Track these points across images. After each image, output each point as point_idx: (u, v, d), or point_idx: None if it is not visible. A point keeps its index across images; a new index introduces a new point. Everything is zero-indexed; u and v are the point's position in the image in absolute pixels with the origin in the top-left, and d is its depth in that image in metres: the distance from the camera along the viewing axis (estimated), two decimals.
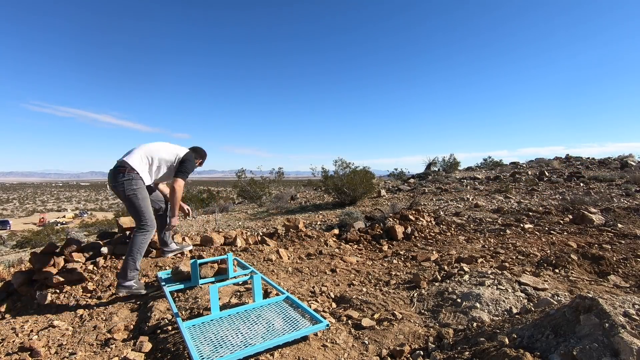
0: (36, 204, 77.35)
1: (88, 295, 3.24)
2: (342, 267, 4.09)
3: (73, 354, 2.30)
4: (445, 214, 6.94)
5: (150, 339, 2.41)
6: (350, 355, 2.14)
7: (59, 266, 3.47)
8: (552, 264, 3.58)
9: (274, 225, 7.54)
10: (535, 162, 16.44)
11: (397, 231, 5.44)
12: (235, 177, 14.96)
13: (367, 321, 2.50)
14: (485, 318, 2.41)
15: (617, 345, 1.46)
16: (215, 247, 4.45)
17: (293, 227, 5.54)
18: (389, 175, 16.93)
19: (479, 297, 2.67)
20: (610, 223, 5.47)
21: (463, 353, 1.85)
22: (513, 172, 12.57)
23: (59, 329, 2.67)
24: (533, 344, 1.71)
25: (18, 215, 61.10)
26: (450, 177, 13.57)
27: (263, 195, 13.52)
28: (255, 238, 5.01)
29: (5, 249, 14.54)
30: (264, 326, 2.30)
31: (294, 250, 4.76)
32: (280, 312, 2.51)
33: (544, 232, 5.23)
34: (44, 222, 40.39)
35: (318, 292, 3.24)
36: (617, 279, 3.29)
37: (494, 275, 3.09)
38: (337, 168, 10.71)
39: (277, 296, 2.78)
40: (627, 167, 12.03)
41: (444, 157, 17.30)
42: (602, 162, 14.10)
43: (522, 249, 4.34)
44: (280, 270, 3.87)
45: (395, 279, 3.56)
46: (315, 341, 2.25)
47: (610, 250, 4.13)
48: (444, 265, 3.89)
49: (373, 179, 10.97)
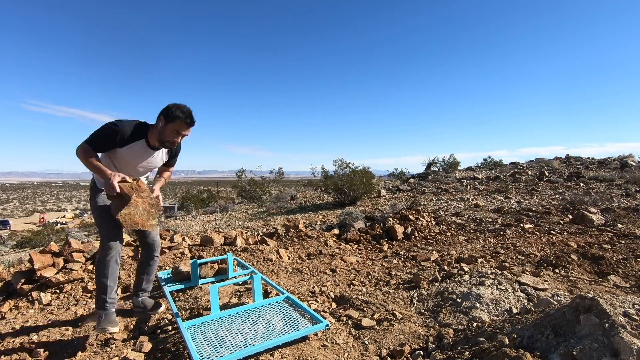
0: (36, 204, 77.38)
1: (88, 295, 3.24)
2: (342, 267, 4.09)
3: (73, 354, 2.30)
4: (445, 214, 6.94)
5: (150, 339, 2.41)
6: (350, 355, 2.14)
7: (59, 266, 3.47)
8: (552, 264, 3.58)
9: (274, 225, 7.54)
10: (535, 162, 16.44)
11: (397, 231, 5.44)
12: (235, 177, 14.97)
13: (367, 321, 2.50)
14: (485, 318, 2.41)
15: (617, 345, 1.46)
16: (215, 247, 4.45)
17: (293, 227, 5.54)
18: (389, 175, 16.94)
19: (479, 297, 2.67)
20: (610, 223, 5.47)
21: (463, 353, 1.85)
22: (513, 172, 12.57)
23: (59, 329, 2.67)
24: (533, 344, 1.71)
25: (18, 215, 61.11)
26: (450, 177, 13.58)
27: (263, 195, 13.52)
28: (255, 238, 5.01)
29: (5, 249, 14.54)
30: (264, 326, 2.30)
31: (294, 250, 4.76)
32: (280, 312, 2.51)
33: (544, 232, 5.22)
34: (44, 222, 40.37)
35: (318, 292, 3.24)
36: (617, 279, 3.29)
37: (494, 275, 3.09)
38: (337, 168, 10.72)
39: (277, 296, 2.79)
40: (627, 167, 12.03)
41: (444, 157, 17.32)
42: (602, 162, 14.10)
43: (522, 249, 4.33)
44: (280, 270, 3.87)
45: (395, 279, 3.56)
46: (315, 341, 2.25)
47: (610, 250, 4.13)
48: (444, 265, 3.89)
49: (373, 179, 10.98)
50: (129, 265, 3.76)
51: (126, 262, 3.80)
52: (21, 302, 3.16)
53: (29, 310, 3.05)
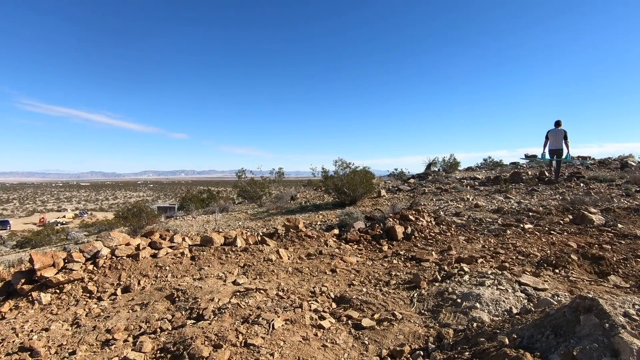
0: (36, 204, 77.36)
1: (88, 295, 3.24)
2: (342, 267, 4.09)
3: (73, 354, 2.30)
4: (445, 214, 6.94)
5: (151, 339, 2.40)
6: (350, 355, 2.14)
7: (59, 266, 3.47)
8: (552, 264, 3.58)
9: (274, 225, 7.53)
10: (536, 162, 16.43)
11: (397, 231, 5.44)
12: (235, 177, 14.96)
13: (367, 321, 2.50)
14: (485, 318, 2.41)
15: (617, 345, 1.46)
16: (215, 247, 4.45)
17: (293, 227, 5.54)
18: (389, 175, 16.92)
19: (479, 297, 2.67)
20: (611, 223, 5.47)
21: (463, 353, 1.85)
22: (513, 172, 12.57)
23: (59, 329, 2.67)
24: (533, 344, 1.71)
25: (18, 215, 61.11)
26: (450, 177, 13.57)
27: (263, 195, 13.52)
28: (255, 238, 5.01)
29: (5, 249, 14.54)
30: None
31: (294, 250, 4.76)
32: None
33: (544, 232, 5.22)
34: (44, 222, 40.38)
35: (318, 292, 3.24)
36: (617, 279, 3.29)
37: (494, 276, 3.09)
38: (337, 168, 10.71)
39: None
40: (627, 167, 12.03)
41: (444, 157, 17.29)
42: (602, 162, 14.09)
43: (522, 249, 4.33)
44: (280, 270, 3.87)
45: (395, 279, 3.56)
46: (315, 341, 2.25)
47: (610, 250, 4.13)
48: (444, 265, 3.88)
49: (373, 179, 10.97)
50: (129, 266, 3.76)
51: (126, 262, 3.80)
52: (21, 302, 3.16)
53: (29, 310, 3.05)
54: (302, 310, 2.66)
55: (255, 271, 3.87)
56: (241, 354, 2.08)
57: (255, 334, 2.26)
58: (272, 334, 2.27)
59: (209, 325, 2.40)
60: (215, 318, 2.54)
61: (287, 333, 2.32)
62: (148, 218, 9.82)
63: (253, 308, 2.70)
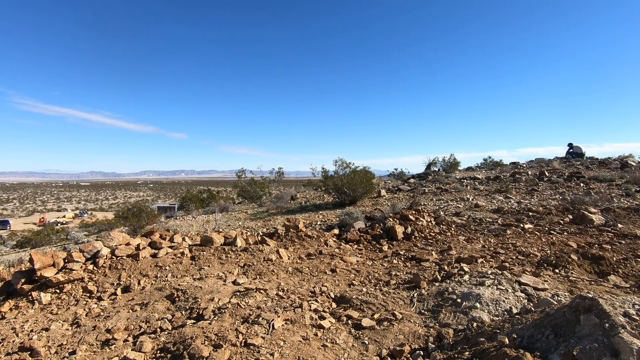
0: (36, 204, 77.36)
1: (88, 295, 3.24)
2: (342, 267, 4.09)
3: (73, 353, 2.30)
4: (446, 214, 6.94)
5: (151, 339, 2.40)
6: (350, 355, 2.14)
7: (59, 266, 3.47)
8: (552, 264, 3.58)
9: (274, 225, 7.54)
10: (536, 162, 16.43)
11: (397, 231, 5.44)
12: (235, 177, 14.95)
13: (367, 321, 2.50)
14: (485, 318, 2.41)
15: (617, 345, 1.46)
16: (215, 247, 4.45)
17: (293, 227, 5.54)
18: (389, 175, 16.91)
19: (479, 297, 2.67)
20: (610, 223, 5.47)
21: (463, 353, 1.85)
22: (513, 172, 12.56)
23: (59, 329, 2.67)
24: (533, 344, 1.71)
25: (18, 215, 61.10)
26: (450, 177, 13.57)
27: (263, 195, 13.51)
28: (255, 238, 5.01)
29: (5, 249, 14.54)
30: None
31: (294, 250, 4.76)
32: None
33: (544, 232, 5.22)
34: (44, 222, 40.37)
35: (318, 292, 3.24)
36: (617, 279, 3.29)
37: (494, 276, 3.09)
38: (337, 168, 10.70)
39: None
40: (627, 167, 12.03)
41: (444, 157, 17.28)
42: (602, 162, 14.09)
43: (522, 249, 4.33)
44: (280, 270, 3.87)
45: (395, 279, 3.56)
46: (315, 341, 2.25)
47: (610, 250, 4.13)
48: (444, 265, 3.88)
49: (373, 179, 10.96)
50: (129, 266, 3.76)
51: (126, 262, 3.80)
52: (21, 302, 3.16)
53: (29, 310, 3.05)
54: (302, 310, 2.66)
55: (255, 271, 3.87)
56: (241, 353, 2.09)
57: (255, 334, 2.26)
58: (272, 333, 2.27)
59: (209, 325, 2.40)
60: (215, 318, 2.54)
61: (287, 333, 2.32)
62: (148, 218, 9.82)
63: (253, 308, 2.70)
